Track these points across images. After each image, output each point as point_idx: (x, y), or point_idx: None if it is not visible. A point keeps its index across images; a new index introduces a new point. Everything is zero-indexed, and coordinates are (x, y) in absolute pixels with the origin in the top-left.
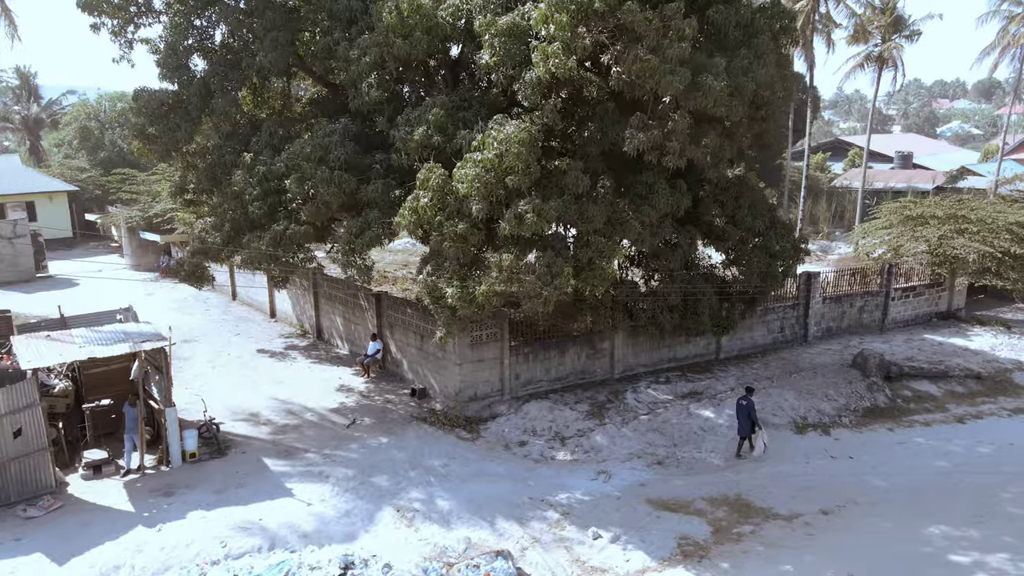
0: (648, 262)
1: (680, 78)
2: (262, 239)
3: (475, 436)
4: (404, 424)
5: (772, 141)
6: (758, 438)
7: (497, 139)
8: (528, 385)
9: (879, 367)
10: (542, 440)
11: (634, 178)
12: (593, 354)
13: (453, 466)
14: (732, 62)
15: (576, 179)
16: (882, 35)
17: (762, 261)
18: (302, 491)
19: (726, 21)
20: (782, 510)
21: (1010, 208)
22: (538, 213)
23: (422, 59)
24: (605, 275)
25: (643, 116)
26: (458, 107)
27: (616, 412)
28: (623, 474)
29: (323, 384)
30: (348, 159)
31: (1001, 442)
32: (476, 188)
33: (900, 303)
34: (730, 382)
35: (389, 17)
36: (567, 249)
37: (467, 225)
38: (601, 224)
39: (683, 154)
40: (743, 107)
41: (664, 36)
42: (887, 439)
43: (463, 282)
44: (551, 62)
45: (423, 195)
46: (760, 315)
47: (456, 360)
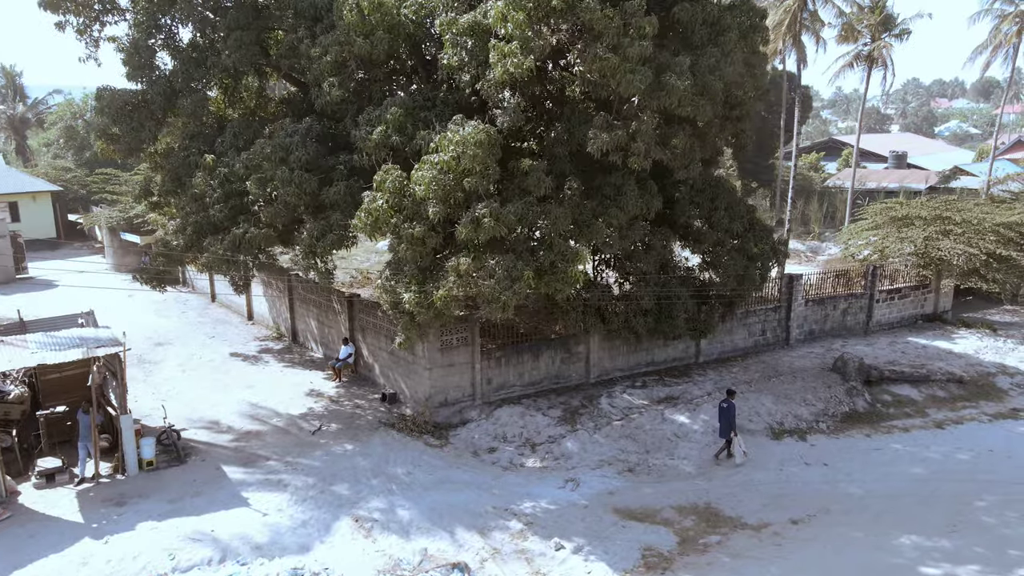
0: (621, 265)
1: (641, 77)
2: (222, 242)
3: (443, 443)
4: (371, 430)
5: (749, 141)
6: (735, 445)
7: (453, 140)
8: (501, 390)
9: (859, 371)
10: (512, 447)
11: (603, 179)
12: (568, 358)
13: (417, 474)
14: (699, 61)
15: (538, 181)
16: (871, 34)
17: (739, 263)
18: (259, 500)
19: (692, 19)
20: (751, 519)
21: (997, 209)
22: (495, 217)
23: (383, 58)
24: (568, 279)
25: (607, 116)
26: (421, 107)
27: (589, 418)
28: (592, 482)
29: (293, 389)
30: (310, 160)
31: (980, 448)
32: (433, 190)
33: (885, 305)
34: (707, 386)
35: (350, 15)
36: (530, 252)
37: (424, 228)
38: (565, 227)
39: (648, 155)
40: (712, 107)
41: (624, 34)
42: (864, 445)
43: (421, 286)
44: (509, 62)
45: (380, 197)
46: (740, 318)
47: (426, 365)
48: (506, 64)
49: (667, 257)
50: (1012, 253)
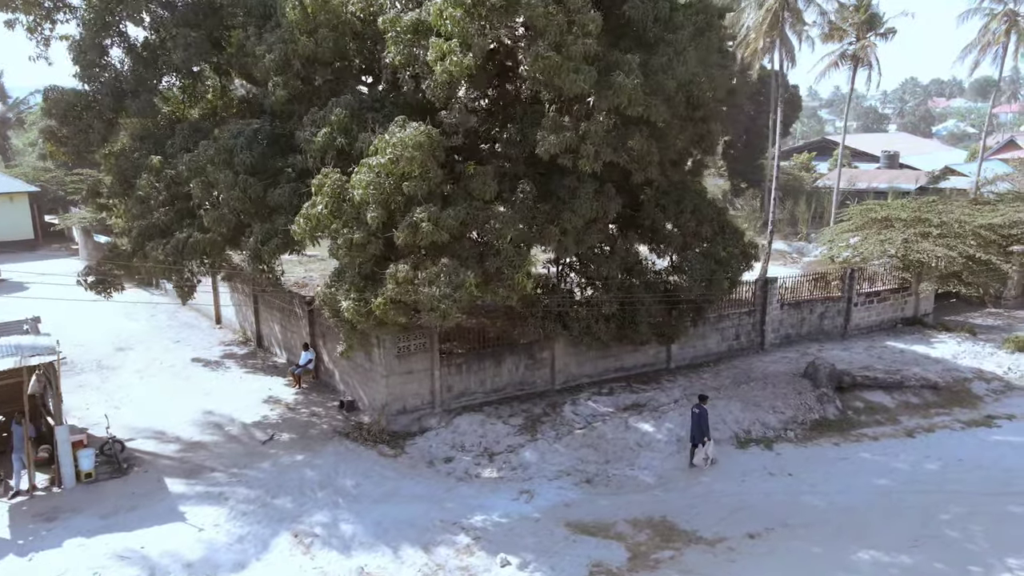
0: (583, 269)
1: (584, 76)
2: (165, 247)
3: (399, 452)
4: (325, 440)
5: (715, 142)
6: (704, 449)
7: (389, 143)
8: (462, 397)
9: (830, 377)
10: (470, 456)
11: (558, 182)
12: (533, 364)
13: (367, 486)
14: (650, 60)
15: (484, 184)
16: (856, 33)
17: (706, 267)
18: (196, 515)
19: (643, 17)
20: (707, 533)
21: (980, 210)
22: (435, 221)
23: (329, 57)
24: (515, 286)
25: (556, 117)
26: (369, 108)
27: (551, 426)
28: (548, 493)
29: (251, 396)
30: (255, 162)
31: (949, 458)
32: (371, 194)
33: (863, 309)
34: (675, 393)
35: (292, 13)
36: (476, 258)
37: (364, 234)
38: (513, 231)
39: (599, 157)
40: (667, 106)
41: (568, 32)
42: (832, 454)
43: (361, 294)
44: (448, 60)
45: (319, 202)
46: (713, 322)
47: (382, 372)
48: (445, 64)
49: (631, 261)
50: (991, 256)
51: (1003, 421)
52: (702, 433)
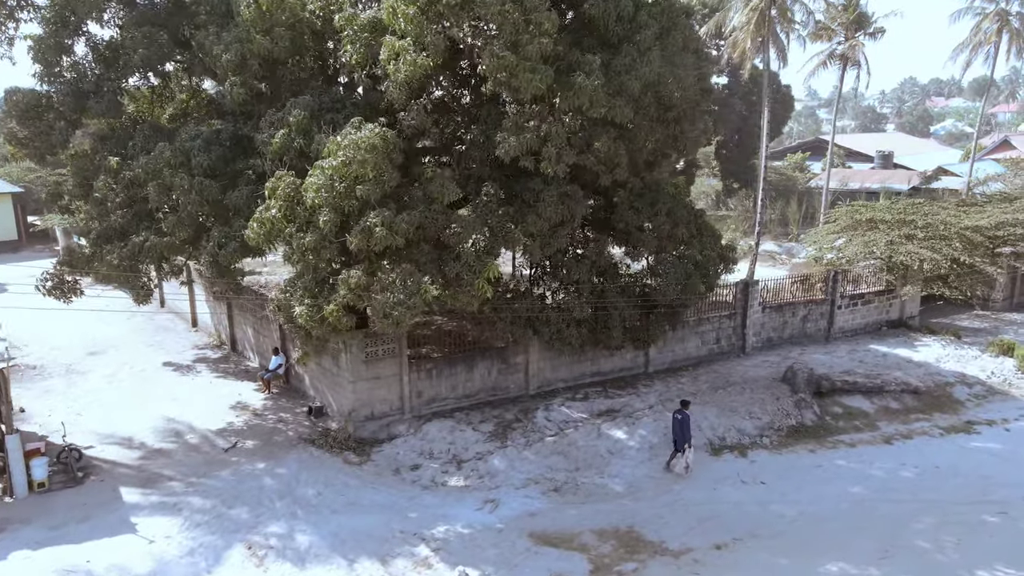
0: (554, 273)
1: (541, 77)
2: (120, 250)
3: (364, 460)
4: (289, 447)
5: (690, 144)
6: (685, 455)
7: (341, 145)
8: (432, 403)
9: (808, 382)
10: (437, 464)
11: (524, 184)
12: (506, 369)
13: (328, 495)
14: (614, 60)
15: (442, 187)
16: (845, 33)
17: (681, 271)
18: (148, 526)
19: (605, 15)
20: (674, 544)
21: (968, 212)
22: (388, 226)
23: (286, 57)
24: (475, 292)
25: (517, 119)
26: (329, 108)
27: (522, 433)
28: (513, 502)
29: (218, 401)
30: (213, 165)
31: (926, 465)
32: (323, 198)
33: (848, 311)
34: (651, 399)
35: (247, 11)
36: (435, 263)
37: (316, 238)
38: (474, 235)
39: (560, 159)
40: (630, 107)
41: (524, 31)
42: (807, 461)
43: (315, 299)
44: (402, 60)
45: (273, 205)
46: (693, 326)
47: (349, 377)
48: (399, 63)
49: (603, 264)
50: (976, 259)
51: (983, 427)
52: (684, 439)
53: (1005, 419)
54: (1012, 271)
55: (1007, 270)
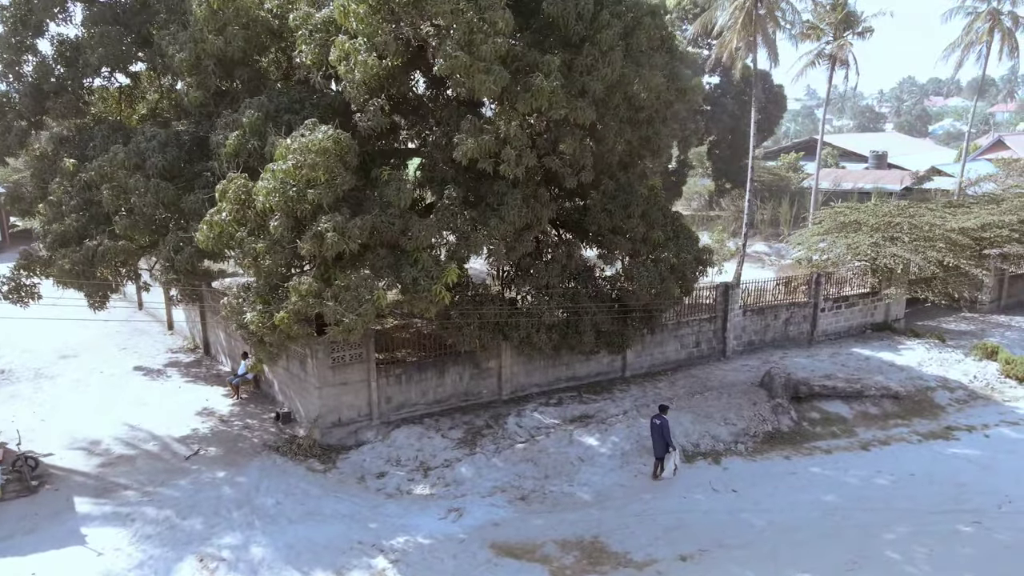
0: (524, 277)
1: (495, 78)
2: (75, 254)
3: (329, 467)
4: (252, 455)
5: (664, 145)
6: (670, 459)
7: (291, 148)
8: (402, 409)
9: (785, 387)
10: (404, 471)
11: (488, 187)
12: (478, 374)
13: (287, 504)
14: (575, 60)
15: (398, 191)
16: (834, 32)
17: (655, 275)
18: (98, 537)
19: (565, 15)
20: (638, 555)
21: (952, 214)
22: (340, 231)
23: (240, 57)
24: (433, 298)
25: (475, 120)
26: (287, 109)
27: (492, 439)
28: (478, 511)
29: (186, 407)
30: (168, 166)
31: (902, 472)
32: (274, 201)
33: (831, 314)
34: (626, 404)
35: (199, 10)
36: (391, 268)
37: (267, 243)
38: (431, 240)
39: (520, 162)
40: (593, 108)
41: (478, 30)
42: (781, 469)
43: (267, 306)
44: (353, 60)
45: (223, 208)
46: (672, 329)
47: (315, 383)
48: (349, 64)
49: (574, 268)
50: (960, 261)
51: (962, 433)
52: (665, 444)
53: (985, 425)
54: (999, 273)
55: (994, 272)
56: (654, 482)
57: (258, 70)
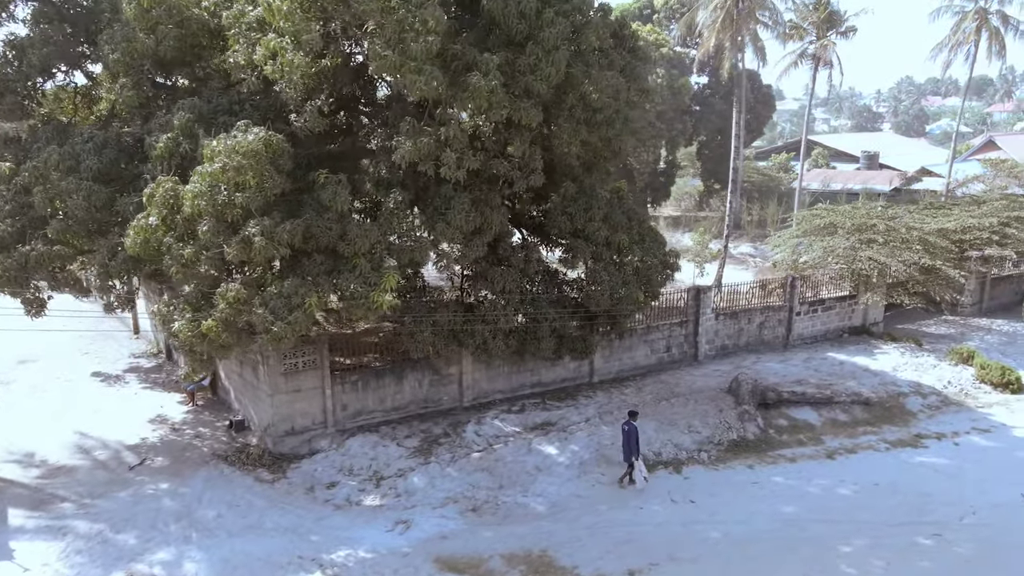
0: (478, 280)
1: (427, 77)
2: (6, 261)
3: (278, 477)
4: (200, 464)
5: (624, 147)
6: (636, 469)
7: (216, 150)
8: (358, 416)
9: (752, 393)
10: (356, 481)
11: (435, 191)
12: (438, 380)
13: (229, 516)
14: (517, 59)
15: (333, 194)
16: (816, 32)
17: (616, 279)
18: (27, 552)
19: (505, 13)
20: (586, 569)
21: (933, 216)
22: (268, 236)
23: (173, 56)
24: (370, 305)
25: (414, 122)
26: (226, 111)
27: (448, 448)
28: (427, 524)
29: (139, 414)
30: (106, 168)
31: (866, 482)
32: (201, 206)
33: (807, 318)
34: (590, 411)
35: (129, 9)
36: (327, 275)
37: (195, 249)
38: (370, 246)
39: (462, 165)
40: (537, 110)
41: (409, 28)
42: (743, 478)
43: (196, 313)
44: (280, 60)
45: (152, 212)
46: (642, 334)
47: (267, 390)
48: (276, 63)
49: (532, 272)
50: (938, 263)
51: (931, 441)
52: (632, 451)
53: (955, 432)
54: (981, 276)
55: (975, 275)
56: (620, 489)
57: (197, 70)
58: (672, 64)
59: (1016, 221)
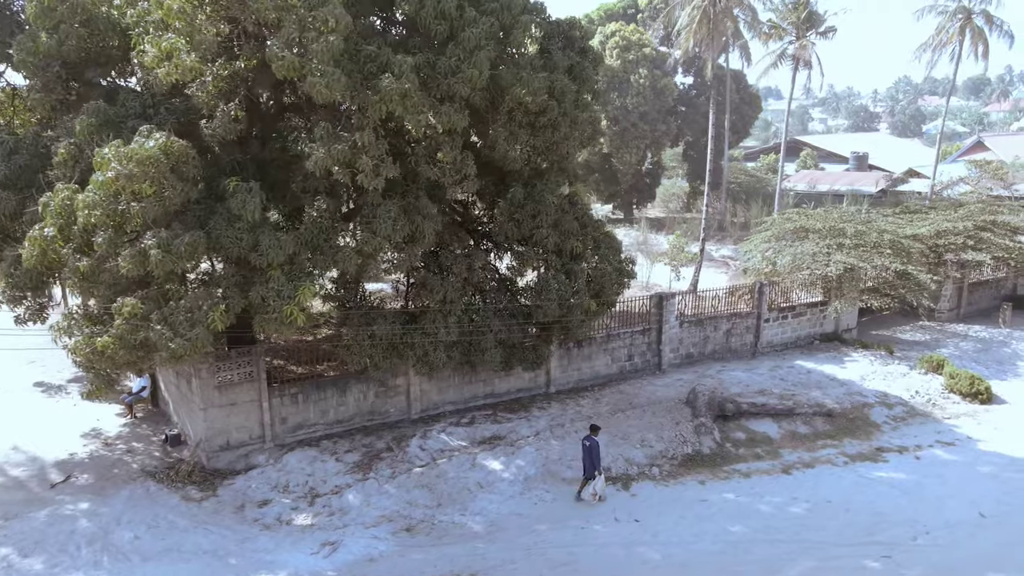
0: (418, 290)
1: (329, 80)
2: None
3: (208, 495)
4: (126, 482)
5: (571, 150)
6: (594, 484)
7: (107, 158)
8: (299, 430)
9: (709, 405)
10: (290, 499)
11: (362, 199)
12: (385, 392)
13: (146, 539)
14: (438, 61)
15: (243, 203)
16: (796, 32)
17: (565, 288)
18: None
19: (423, 13)
20: None
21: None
22: (166, 248)
23: (78, 57)
24: (283, 319)
25: (329, 127)
26: (139, 115)
27: (389, 463)
28: (356, 545)
29: (75, 427)
30: (14, 175)
31: (819, 499)
32: (96, 216)
33: (777, 325)
34: (541, 424)
35: (30, 7)
36: (238, 287)
37: (93, 262)
38: (285, 257)
39: (380, 172)
40: (461, 114)
41: (310, 28)
42: (692, 495)
43: (95, 328)
44: (174, 60)
45: (48, 223)
46: (601, 342)
47: (200, 404)
48: (169, 65)
49: (476, 281)
50: (910, 269)
51: (892, 455)
52: (593, 466)
53: (918, 445)
54: (958, 281)
55: (952, 280)
56: (576, 502)
57: (112, 72)
58: (655, 64)
59: (992, 225)
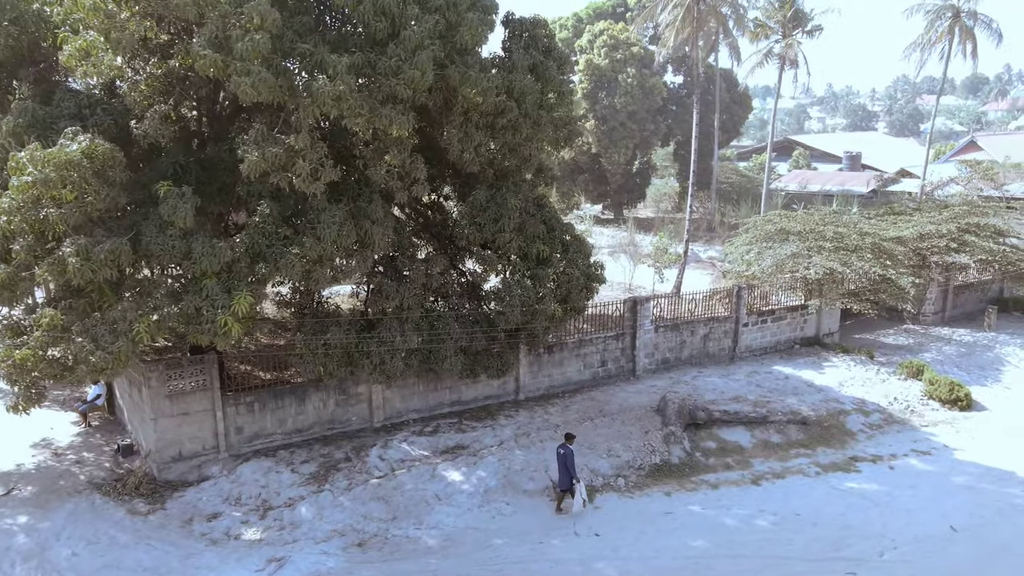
0: (375, 296)
1: (255, 80)
2: None
3: (155, 508)
4: (71, 495)
5: (534, 152)
6: (577, 493)
7: (22, 162)
8: (256, 440)
9: (679, 413)
10: (241, 512)
11: (307, 204)
12: (345, 400)
13: (85, 556)
14: (379, 61)
15: (173, 209)
16: (782, 30)
17: (529, 293)
18: None
19: (361, 11)
20: None
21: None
22: (85, 256)
23: (9, 56)
24: (217, 329)
25: (264, 129)
26: (74, 115)
27: (347, 474)
28: (304, 561)
29: (25, 436)
30: None
31: (787, 512)
32: (15, 223)
33: (755, 329)
34: (507, 432)
35: None
36: (171, 297)
37: (11, 269)
38: (220, 265)
39: (318, 177)
40: (406, 116)
41: (234, 26)
42: (657, 507)
43: (16, 339)
44: (92, 60)
45: None
46: (573, 348)
47: (150, 414)
48: (87, 65)
49: (435, 287)
50: (889, 272)
51: (866, 464)
52: (569, 477)
53: (893, 455)
54: (943, 284)
55: (936, 283)
56: (556, 515)
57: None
58: (644, 63)
59: (977, 228)
